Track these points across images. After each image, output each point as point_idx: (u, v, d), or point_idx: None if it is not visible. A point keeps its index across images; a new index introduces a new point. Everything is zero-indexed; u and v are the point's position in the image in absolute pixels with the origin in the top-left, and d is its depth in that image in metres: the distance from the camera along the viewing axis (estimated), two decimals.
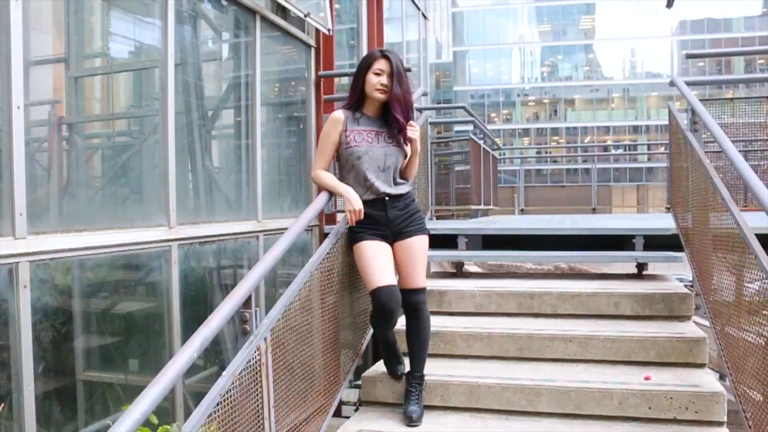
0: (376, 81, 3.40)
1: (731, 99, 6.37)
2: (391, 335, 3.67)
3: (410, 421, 3.42)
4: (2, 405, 2.42)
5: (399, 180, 3.55)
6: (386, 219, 3.47)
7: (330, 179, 3.54)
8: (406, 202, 3.53)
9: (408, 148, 3.54)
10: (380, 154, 3.44)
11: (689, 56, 5.76)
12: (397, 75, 3.38)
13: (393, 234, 3.49)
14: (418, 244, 3.52)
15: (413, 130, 3.49)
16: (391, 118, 3.43)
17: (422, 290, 3.52)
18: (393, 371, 3.76)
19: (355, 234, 3.48)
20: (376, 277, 3.37)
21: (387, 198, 3.46)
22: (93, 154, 4.04)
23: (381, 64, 3.40)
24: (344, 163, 3.51)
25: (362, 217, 3.42)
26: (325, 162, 3.56)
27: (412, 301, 3.49)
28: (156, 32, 3.97)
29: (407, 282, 3.50)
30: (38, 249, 2.92)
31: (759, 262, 2.81)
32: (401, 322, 3.62)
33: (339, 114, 3.50)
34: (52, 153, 3.45)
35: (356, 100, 3.51)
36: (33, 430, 2.87)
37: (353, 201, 3.40)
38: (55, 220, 3.26)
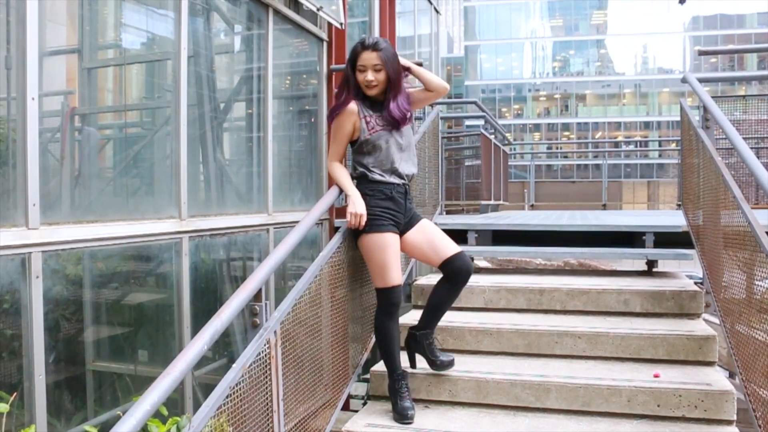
0: (362, 79, 3.38)
1: (743, 96, 6.33)
2: (399, 361, 3.58)
3: (448, 365, 3.62)
4: (14, 395, 2.44)
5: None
6: (404, 208, 3.52)
7: (342, 177, 3.53)
8: (412, 195, 3.66)
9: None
10: (398, 135, 3.47)
11: (701, 53, 5.73)
12: (387, 62, 3.36)
13: (404, 224, 3.53)
14: (428, 223, 3.61)
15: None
16: (385, 112, 3.44)
17: (461, 252, 3.53)
18: (403, 413, 3.46)
19: (378, 219, 3.42)
20: (393, 275, 3.41)
21: (408, 187, 3.54)
22: (105, 145, 4.06)
23: (362, 59, 3.36)
24: (365, 150, 3.47)
25: (363, 222, 3.40)
26: (339, 153, 3.57)
27: (459, 266, 3.49)
28: (169, 24, 3.98)
29: (444, 252, 3.50)
30: (50, 240, 2.94)
31: None
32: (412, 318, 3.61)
33: (352, 105, 3.45)
34: (64, 144, 3.47)
35: (355, 93, 3.47)
36: (44, 420, 2.90)
37: (358, 205, 3.40)
38: (67, 211, 3.28)
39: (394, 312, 3.51)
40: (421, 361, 3.69)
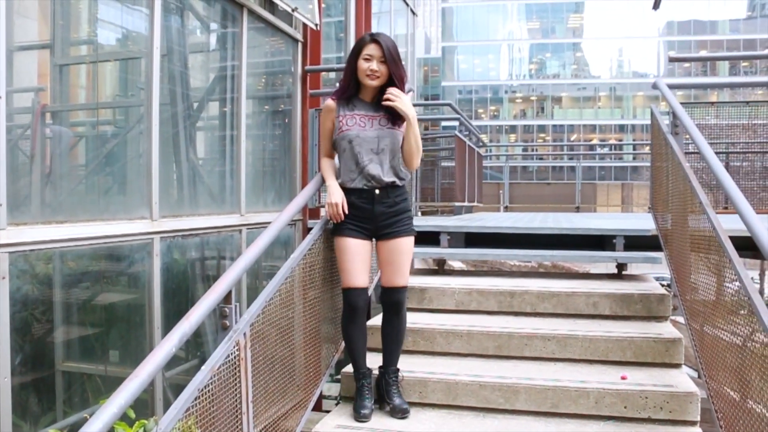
0: (366, 67, 3.37)
1: (713, 103, 6.44)
2: (363, 360, 3.61)
3: (403, 414, 3.48)
4: None
5: (401, 169, 3.51)
6: (372, 213, 3.45)
7: (324, 168, 3.60)
8: (396, 200, 3.49)
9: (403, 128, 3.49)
10: (372, 136, 3.42)
11: (672, 60, 5.82)
12: (390, 58, 3.36)
13: (376, 230, 3.48)
14: (404, 244, 3.51)
15: (393, 96, 3.38)
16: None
17: (403, 289, 3.54)
18: (357, 411, 3.51)
19: (336, 225, 3.49)
20: (348, 278, 3.46)
21: (377, 191, 3.43)
22: (76, 144, 4.02)
23: (370, 49, 3.37)
24: (339, 150, 3.52)
25: (341, 211, 3.42)
26: (326, 150, 3.63)
27: (393, 299, 3.53)
28: (142, 21, 3.96)
29: (389, 280, 3.52)
30: (18, 240, 2.91)
31: (732, 265, 2.85)
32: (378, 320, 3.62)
33: (331, 102, 3.53)
34: (34, 142, 3.44)
35: (349, 87, 3.47)
36: (8, 422, 2.87)
37: (334, 194, 3.44)
38: (36, 211, 3.25)
39: (351, 314, 3.51)
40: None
